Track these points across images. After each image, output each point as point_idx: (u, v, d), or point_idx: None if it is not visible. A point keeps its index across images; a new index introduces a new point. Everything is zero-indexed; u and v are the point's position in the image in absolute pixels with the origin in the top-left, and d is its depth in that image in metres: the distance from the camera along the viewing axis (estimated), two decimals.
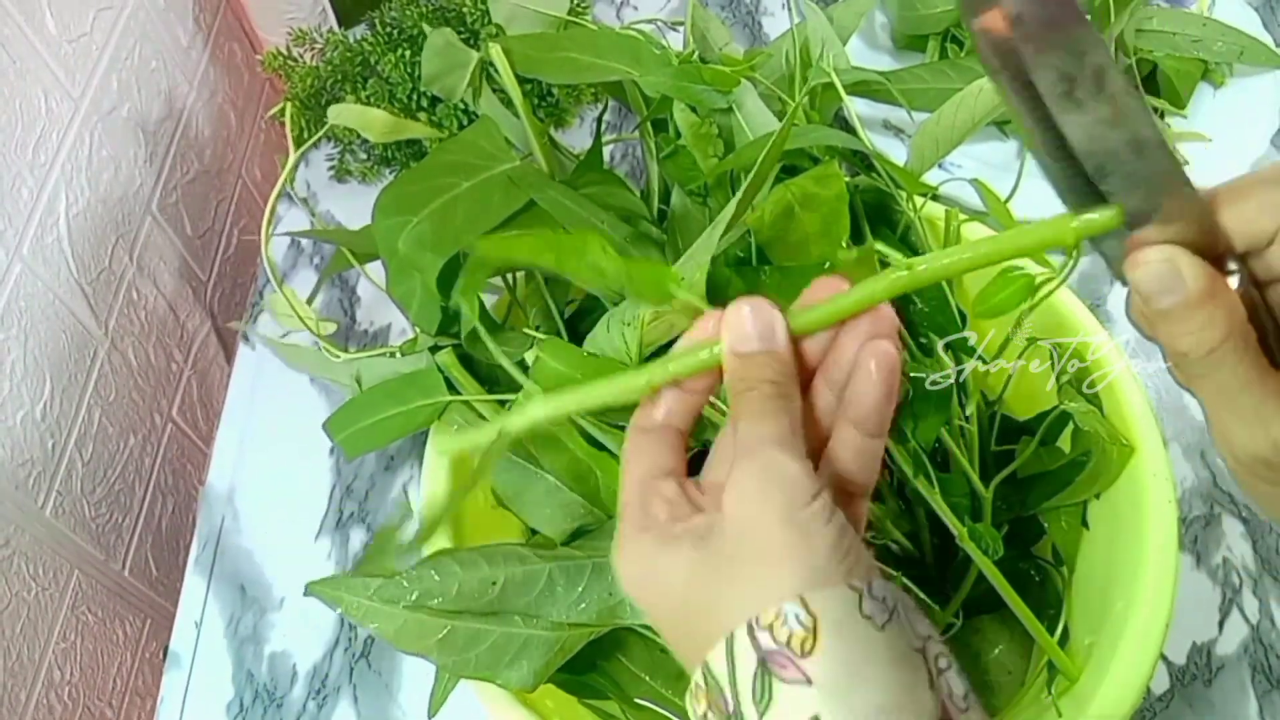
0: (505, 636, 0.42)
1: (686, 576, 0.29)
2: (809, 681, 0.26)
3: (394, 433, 0.49)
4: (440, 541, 0.46)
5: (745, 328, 0.31)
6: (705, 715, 0.28)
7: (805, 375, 0.33)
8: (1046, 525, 0.50)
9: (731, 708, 0.27)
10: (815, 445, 0.33)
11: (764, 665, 0.27)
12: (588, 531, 0.45)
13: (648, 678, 0.47)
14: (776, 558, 0.28)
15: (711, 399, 0.34)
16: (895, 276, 0.31)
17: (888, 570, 0.45)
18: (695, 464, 0.49)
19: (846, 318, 0.32)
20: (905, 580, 0.45)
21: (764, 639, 0.27)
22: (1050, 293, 0.34)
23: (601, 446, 0.46)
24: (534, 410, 0.33)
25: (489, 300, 0.54)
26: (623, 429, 0.46)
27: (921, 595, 0.46)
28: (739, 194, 0.41)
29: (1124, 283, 0.28)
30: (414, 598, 0.41)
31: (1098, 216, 0.28)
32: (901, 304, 0.49)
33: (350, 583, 0.42)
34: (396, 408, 0.49)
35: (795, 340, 0.32)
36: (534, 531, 0.49)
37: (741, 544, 0.29)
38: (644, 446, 0.33)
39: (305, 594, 0.42)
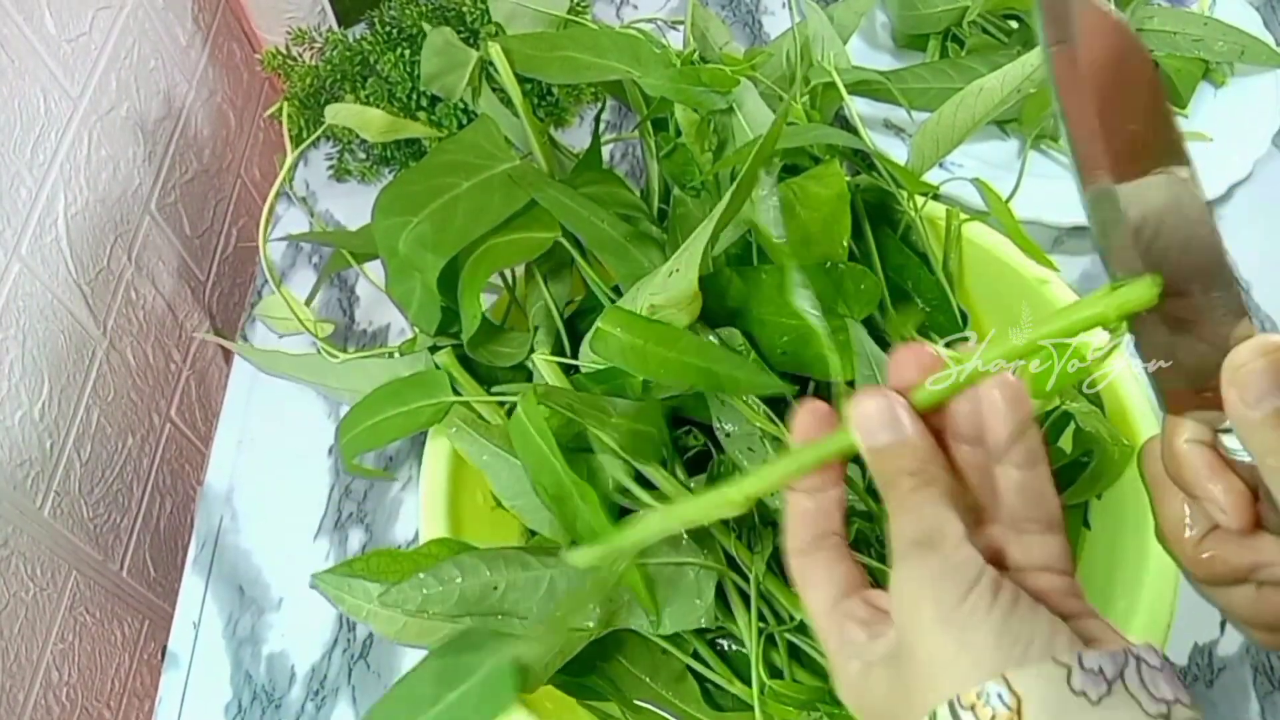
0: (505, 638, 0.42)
1: (886, 692, 0.29)
2: None
3: (394, 433, 0.49)
4: (439, 530, 0.46)
5: (870, 421, 0.30)
6: None
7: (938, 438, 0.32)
8: None
9: None
10: (976, 505, 0.32)
11: None
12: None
13: (648, 679, 0.47)
14: (942, 658, 0.27)
15: None
16: (1007, 351, 0.30)
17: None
18: (699, 463, 0.49)
19: (974, 383, 0.30)
20: None
21: (965, 719, 0.26)
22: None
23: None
24: (653, 525, 0.33)
25: (488, 300, 0.53)
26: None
27: None
28: (732, 189, 0.41)
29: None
30: (415, 605, 0.41)
31: (1133, 289, 0.28)
32: (907, 307, 0.49)
33: (353, 585, 0.42)
34: (397, 408, 0.49)
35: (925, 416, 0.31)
36: (534, 532, 0.49)
37: (916, 656, 0.28)
38: (813, 571, 0.32)
39: (311, 586, 0.42)
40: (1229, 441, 0.29)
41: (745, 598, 0.44)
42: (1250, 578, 0.31)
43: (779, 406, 0.45)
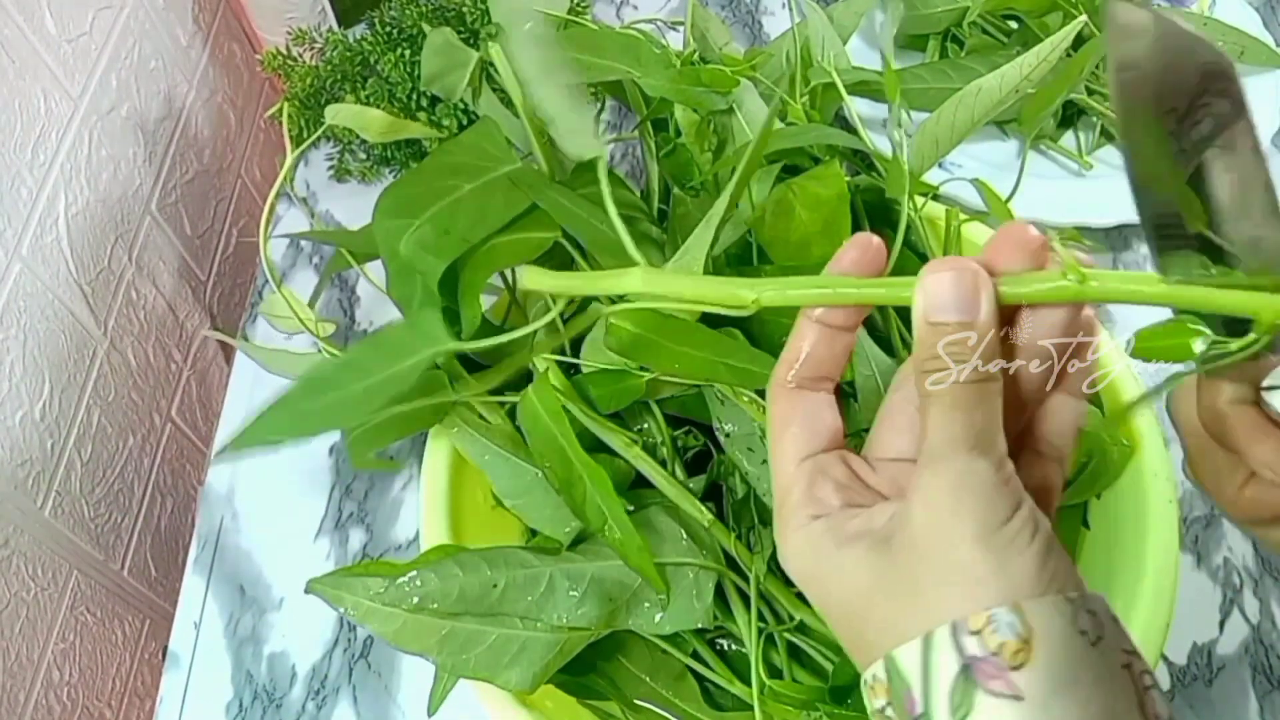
0: (505, 637, 0.42)
1: (871, 581, 0.27)
2: (1018, 695, 0.24)
3: (396, 432, 0.49)
4: (440, 538, 0.46)
5: (943, 293, 0.27)
6: (884, 710, 0.26)
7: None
8: None
9: (919, 709, 0.25)
10: (1015, 423, 0.29)
11: (967, 672, 0.25)
12: (589, 535, 0.45)
13: (648, 679, 0.47)
14: (975, 574, 0.26)
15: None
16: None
17: None
18: (699, 463, 0.49)
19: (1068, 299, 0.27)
20: None
21: (970, 644, 0.25)
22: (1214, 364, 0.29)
23: (601, 447, 0.46)
24: (633, 282, 0.31)
25: (487, 300, 0.53)
26: (623, 425, 0.46)
27: None
28: (729, 186, 0.41)
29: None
30: (415, 601, 0.41)
31: None
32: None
33: (351, 583, 0.42)
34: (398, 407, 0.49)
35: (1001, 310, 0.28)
36: (534, 532, 0.49)
37: (934, 561, 0.26)
38: (795, 411, 0.30)
39: (306, 592, 0.42)
40: (1275, 402, 0.28)
41: (745, 598, 0.44)
42: None
43: None
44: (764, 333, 0.46)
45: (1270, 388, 0.28)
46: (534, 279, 0.33)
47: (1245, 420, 0.29)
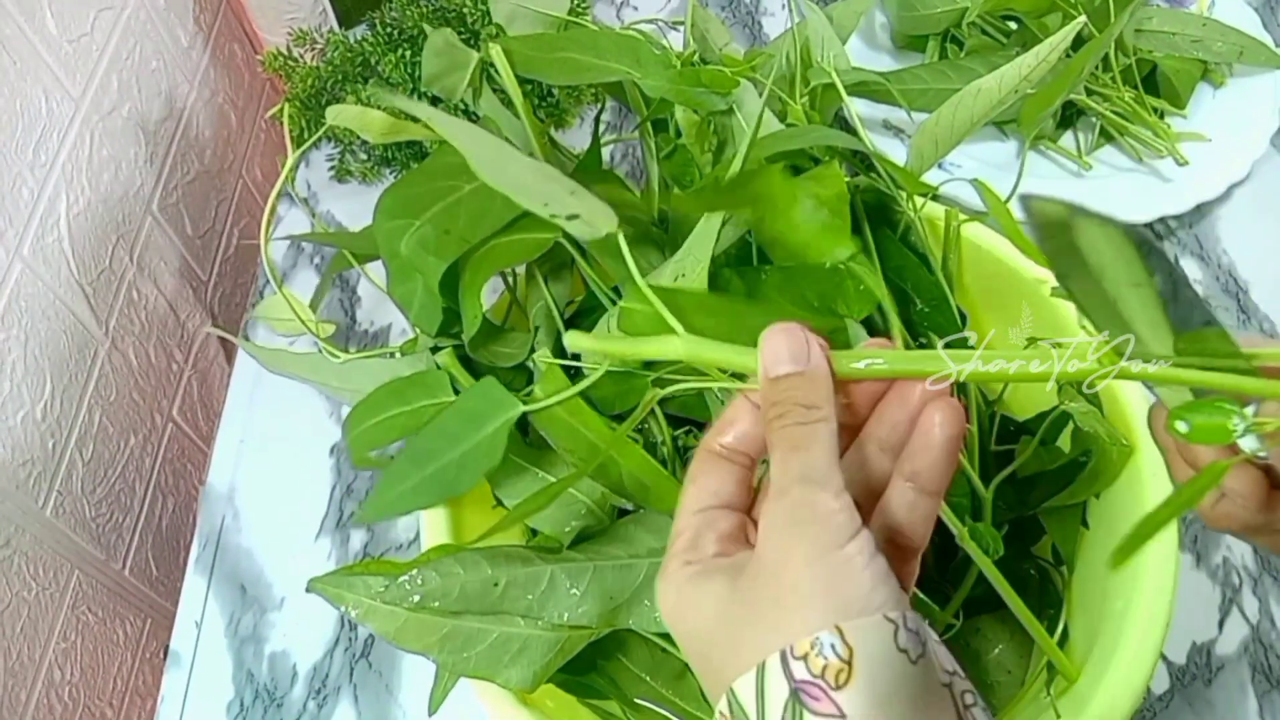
0: (505, 636, 0.42)
1: (717, 610, 0.29)
2: (841, 715, 0.25)
3: (397, 432, 0.49)
4: (440, 537, 0.46)
5: (778, 351, 0.31)
6: None
7: (854, 426, 0.32)
8: (1046, 525, 0.50)
9: None
10: (866, 496, 0.32)
11: (796, 696, 0.26)
12: (590, 534, 0.45)
13: (648, 678, 0.47)
14: (806, 598, 0.27)
15: None
16: (952, 368, 0.30)
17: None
18: None
19: (899, 377, 0.31)
20: (917, 591, 0.45)
21: (798, 669, 0.26)
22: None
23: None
24: (674, 349, 0.33)
25: (489, 300, 0.54)
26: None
27: (922, 596, 0.46)
28: (725, 183, 0.41)
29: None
30: (416, 599, 0.41)
31: None
32: (901, 304, 0.49)
33: (352, 582, 0.42)
34: (400, 407, 0.49)
35: (841, 387, 0.31)
36: (534, 532, 0.49)
37: (771, 584, 0.28)
38: (709, 472, 0.32)
39: (307, 590, 0.42)
40: (1242, 441, 0.30)
41: None
42: (1262, 530, 0.32)
43: None
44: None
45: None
46: (575, 340, 0.35)
47: (1216, 456, 0.31)
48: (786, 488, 0.29)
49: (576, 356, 0.47)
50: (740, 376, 0.34)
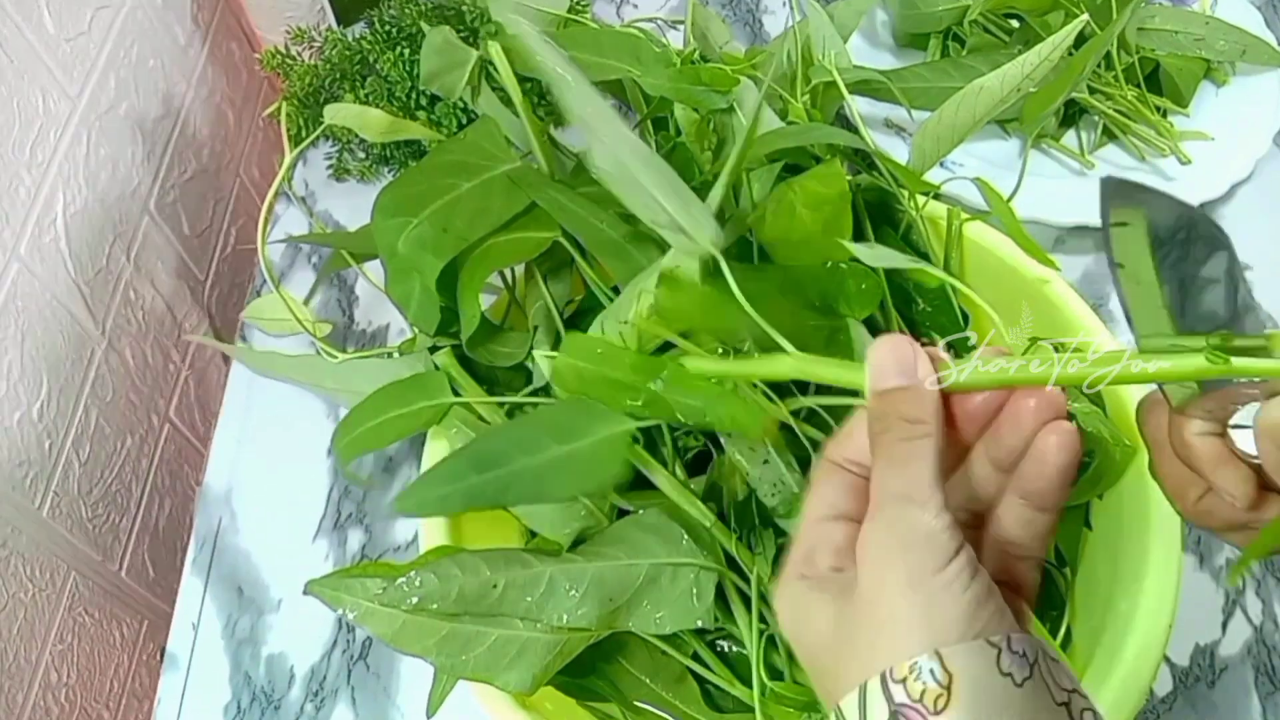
0: (504, 639, 0.42)
1: (826, 628, 0.29)
2: None
3: (395, 434, 0.48)
4: (439, 539, 0.46)
5: (884, 364, 0.30)
6: None
7: (963, 445, 0.32)
8: None
9: None
10: (976, 511, 0.32)
11: (895, 718, 0.26)
12: (589, 536, 0.45)
13: (648, 680, 0.47)
14: (904, 624, 0.27)
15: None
16: (1074, 369, 0.30)
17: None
18: (699, 464, 0.49)
19: (1012, 386, 0.31)
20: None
21: (897, 692, 0.26)
22: None
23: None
24: (785, 368, 0.34)
25: (487, 300, 0.53)
26: None
27: None
28: (722, 177, 0.41)
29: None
30: (415, 601, 0.40)
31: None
32: (904, 304, 0.49)
33: (350, 583, 0.41)
34: (398, 409, 0.48)
35: (950, 405, 0.31)
36: (533, 534, 0.49)
37: (869, 608, 0.28)
38: (827, 482, 0.32)
39: (305, 592, 0.42)
40: (1238, 439, 0.30)
41: (745, 599, 0.44)
42: (1245, 529, 0.32)
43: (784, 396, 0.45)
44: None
45: (1236, 426, 0.30)
46: (695, 364, 0.36)
47: (1211, 452, 0.31)
48: (884, 505, 0.29)
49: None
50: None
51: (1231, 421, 0.30)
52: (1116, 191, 0.28)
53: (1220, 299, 0.28)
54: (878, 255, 0.41)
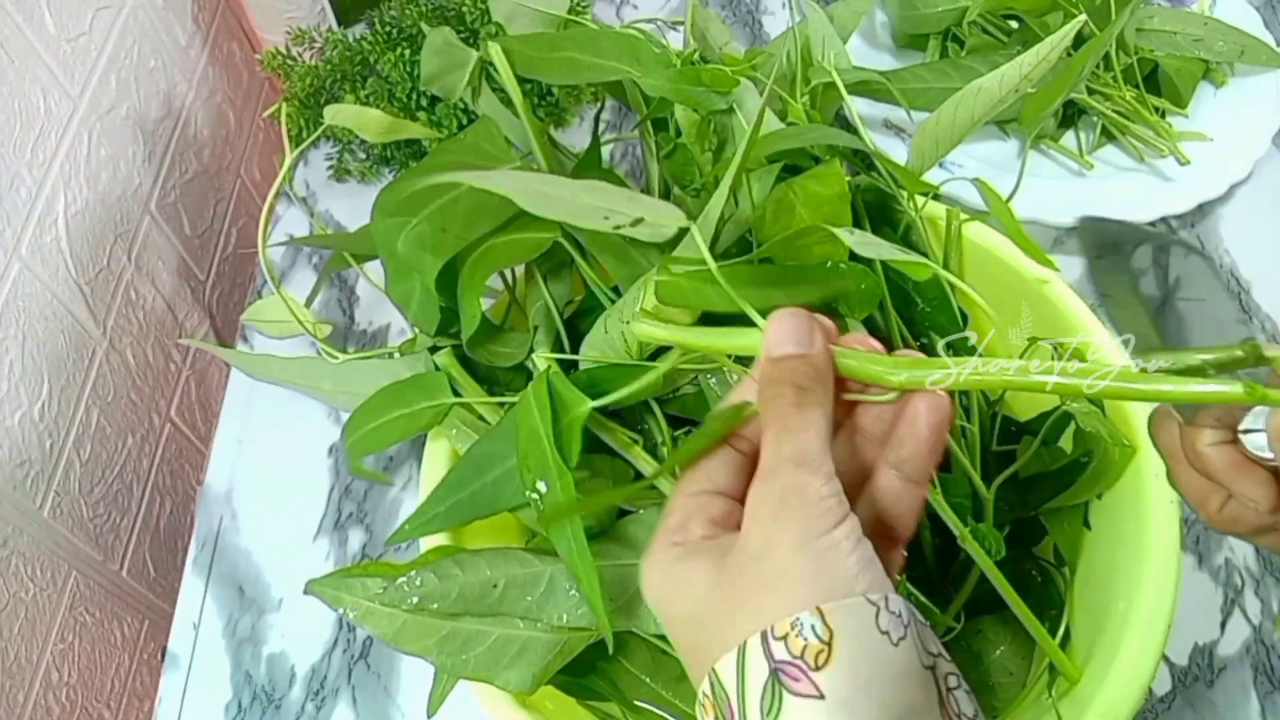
0: (505, 638, 0.42)
1: (703, 592, 0.29)
2: (820, 695, 0.26)
3: (397, 435, 0.49)
4: (439, 538, 0.46)
5: (783, 332, 0.31)
6: None
7: (842, 416, 0.33)
8: (1048, 526, 0.50)
9: (738, 718, 0.27)
10: (853, 483, 0.32)
11: (775, 676, 0.26)
12: (590, 535, 0.45)
13: (648, 680, 0.47)
14: (791, 581, 0.27)
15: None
16: (921, 375, 0.30)
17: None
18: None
19: (899, 387, 0.31)
20: (907, 584, 0.45)
21: (778, 649, 0.26)
22: None
23: (601, 447, 0.46)
24: (648, 330, 0.35)
25: (488, 300, 0.53)
26: (623, 424, 0.46)
27: (922, 598, 0.46)
28: (725, 181, 0.41)
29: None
30: (415, 601, 0.40)
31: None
32: (903, 304, 0.49)
33: (351, 583, 0.42)
34: (399, 410, 0.49)
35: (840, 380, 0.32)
36: (534, 533, 0.49)
37: (756, 566, 0.28)
38: (714, 458, 0.32)
39: (305, 592, 0.42)
40: (1251, 443, 0.30)
41: None
42: (1274, 530, 0.32)
43: None
44: None
45: (1246, 431, 0.30)
46: (646, 332, 0.36)
47: (1226, 460, 0.31)
48: (776, 469, 0.29)
49: (575, 354, 0.47)
50: (744, 362, 0.34)
51: (1241, 426, 0.30)
52: (1093, 230, 0.29)
53: (1207, 315, 0.28)
54: (869, 244, 0.41)
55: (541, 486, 0.39)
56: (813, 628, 0.26)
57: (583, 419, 0.41)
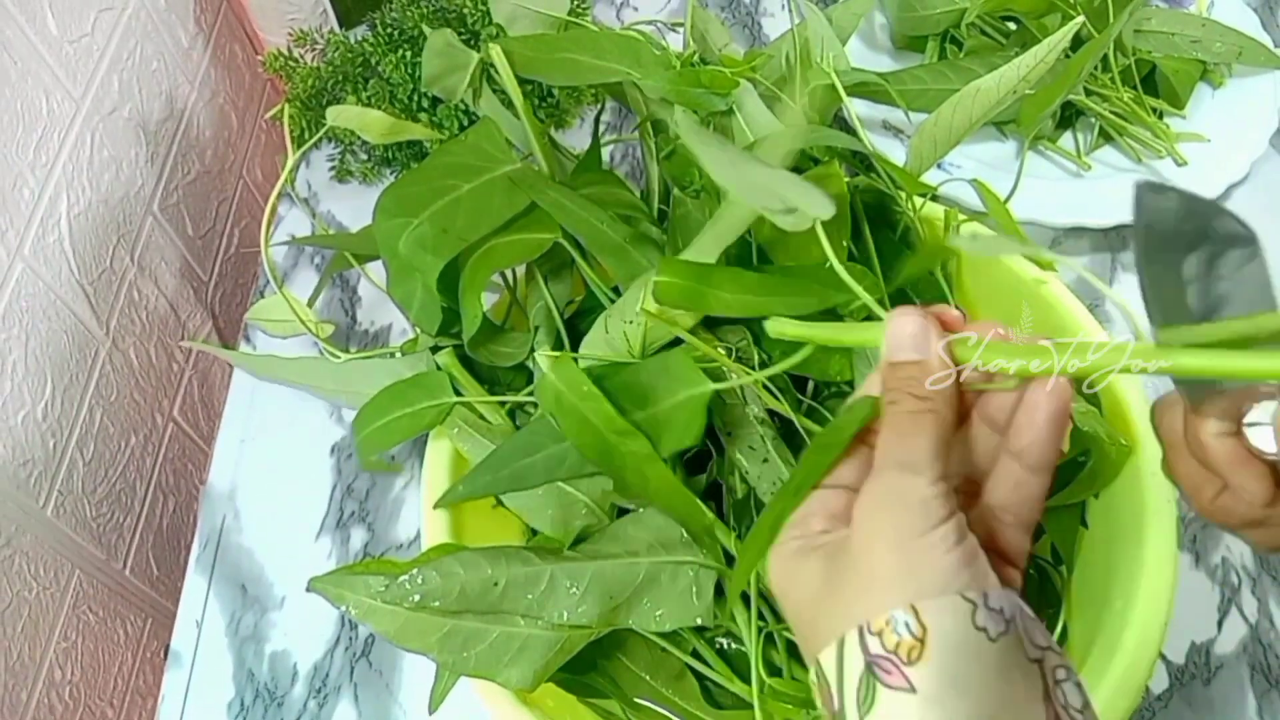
0: (506, 636, 0.42)
1: (814, 587, 0.30)
2: (912, 689, 0.26)
3: (400, 434, 0.49)
4: (441, 537, 0.46)
5: (901, 336, 0.31)
6: (820, 708, 0.29)
7: (964, 409, 0.33)
8: (1045, 524, 0.50)
9: (837, 706, 0.28)
10: (976, 474, 0.33)
11: (870, 669, 0.27)
12: (590, 534, 0.45)
13: (648, 677, 0.47)
14: (886, 579, 0.28)
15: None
16: (1044, 359, 0.30)
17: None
18: (699, 463, 0.49)
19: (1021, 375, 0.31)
20: None
21: (873, 644, 0.27)
22: None
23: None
24: (875, 334, 0.34)
25: (489, 300, 0.54)
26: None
27: None
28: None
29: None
30: (417, 599, 0.41)
31: None
32: (901, 304, 0.50)
33: (353, 581, 0.42)
34: (402, 409, 0.49)
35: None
36: (534, 532, 0.49)
37: (857, 565, 0.29)
38: (846, 459, 0.33)
39: (308, 590, 0.42)
40: (1254, 437, 0.30)
41: (745, 597, 0.44)
42: (1262, 525, 0.32)
43: (786, 394, 0.46)
44: (764, 333, 0.46)
45: (1252, 424, 0.30)
46: (777, 326, 0.36)
47: (1227, 451, 0.31)
48: (882, 470, 0.30)
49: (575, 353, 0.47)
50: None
51: (1246, 420, 0.30)
52: (1147, 193, 0.29)
53: (1245, 299, 0.28)
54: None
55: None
56: (906, 624, 0.27)
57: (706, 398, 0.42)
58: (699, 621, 0.44)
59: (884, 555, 0.28)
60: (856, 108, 0.54)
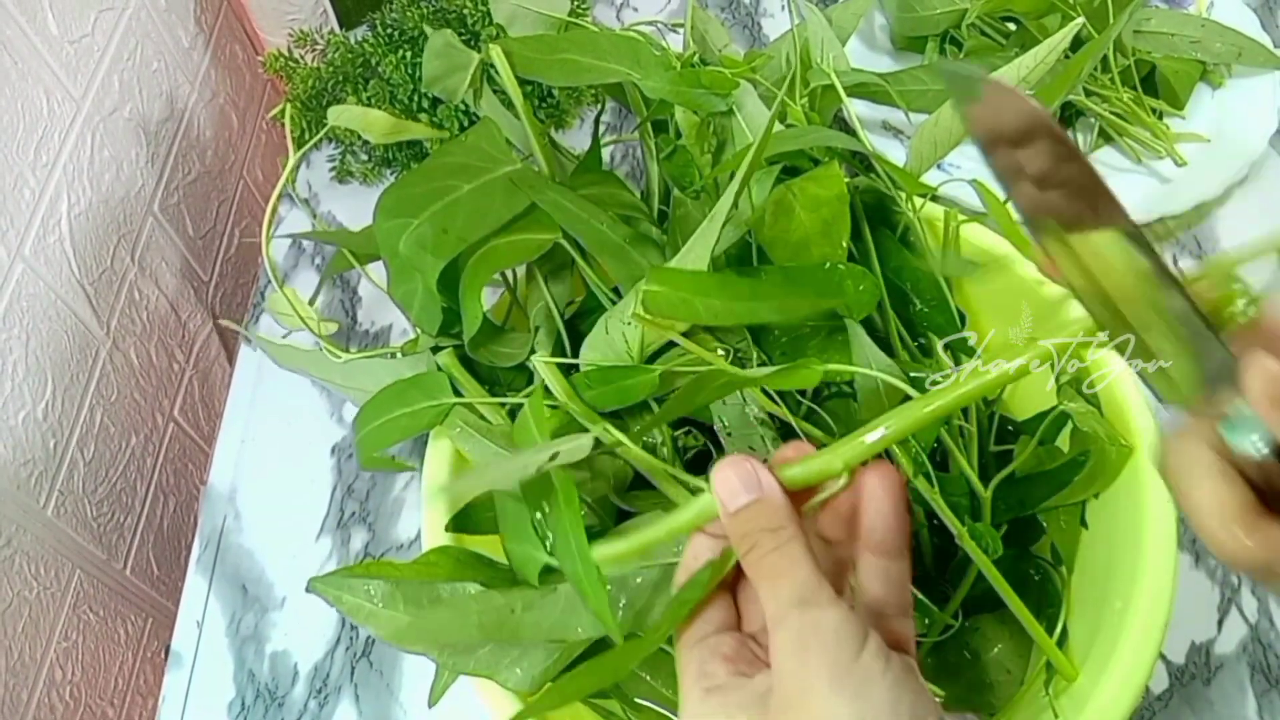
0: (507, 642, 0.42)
1: None
2: None
3: (400, 434, 0.49)
4: (442, 538, 0.46)
5: (731, 484, 0.32)
6: None
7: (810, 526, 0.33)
8: (1045, 525, 0.50)
9: None
10: (838, 581, 0.33)
11: None
12: (590, 536, 0.45)
13: (648, 677, 0.47)
14: (835, 718, 0.28)
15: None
16: (859, 444, 0.31)
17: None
18: (699, 463, 0.49)
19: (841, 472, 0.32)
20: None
21: None
22: None
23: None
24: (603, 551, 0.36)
25: (489, 300, 0.54)
26: (623, 425, 0.47)
27: (920, 596, 0.46)
28: (731, 188, 0.41)
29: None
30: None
31: None
32: (901, 304, 0.50)
33: (352, 583, 0.42)
34: (402, 409, 0.49)
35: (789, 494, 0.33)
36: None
37: (799, 709, 0.28)
38: (699, 617, 0.33)
39: (307, 591, 0.42)
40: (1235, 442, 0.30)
41: None
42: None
43: (786, 396, 0.46)
44: (764, 333, 0.46)
45: (1232, 430, 0.30)
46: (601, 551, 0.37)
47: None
48: (783, 616, 0.29)
49: (575, 354, 0.47)
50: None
51: (1221, 428, 0.30)
52: (955, 81, 0.29)
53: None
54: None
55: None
56: None
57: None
58: None
59: (826, 698, 0.28)
60: (856, 108, 0.55)
